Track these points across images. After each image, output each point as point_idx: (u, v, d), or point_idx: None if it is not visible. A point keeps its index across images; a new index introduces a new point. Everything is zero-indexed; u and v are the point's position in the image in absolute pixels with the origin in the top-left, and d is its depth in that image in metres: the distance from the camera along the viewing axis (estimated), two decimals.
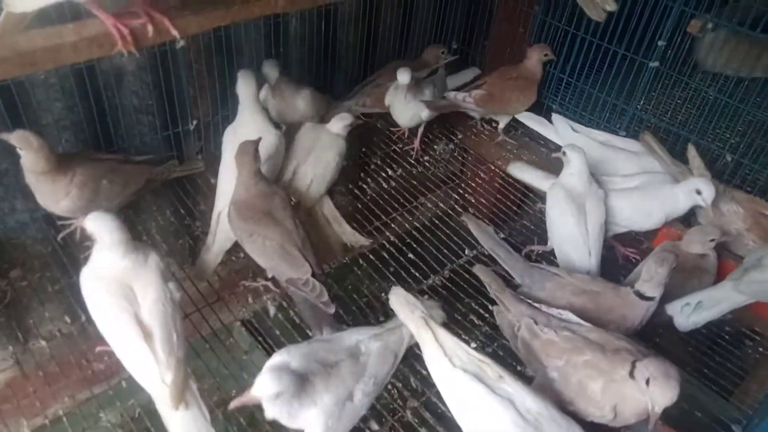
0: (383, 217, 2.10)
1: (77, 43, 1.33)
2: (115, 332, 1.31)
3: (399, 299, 1.50)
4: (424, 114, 2.26)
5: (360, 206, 2.15)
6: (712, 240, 1.81)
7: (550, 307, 1.53)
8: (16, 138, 1.45)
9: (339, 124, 2.04)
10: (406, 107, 2.23)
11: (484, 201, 2.26)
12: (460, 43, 2.82)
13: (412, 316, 1.45)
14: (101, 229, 1.35)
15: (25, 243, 1.81)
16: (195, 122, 2.06)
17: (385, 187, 2.25)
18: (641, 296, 1.56)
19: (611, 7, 2.00)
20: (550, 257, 2.00)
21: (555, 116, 2.42)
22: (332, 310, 1.53)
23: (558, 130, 2.38)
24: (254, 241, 1.62)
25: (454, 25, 2.74)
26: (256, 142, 1.66)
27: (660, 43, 2.24)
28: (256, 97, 1.92)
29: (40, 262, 1.80)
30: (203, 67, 1.99)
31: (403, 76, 2.11)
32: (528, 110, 2.48)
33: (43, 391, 1.50)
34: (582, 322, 1.48)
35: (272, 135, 1.89)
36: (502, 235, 1.94)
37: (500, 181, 2.34)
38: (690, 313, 1.68)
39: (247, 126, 1.88)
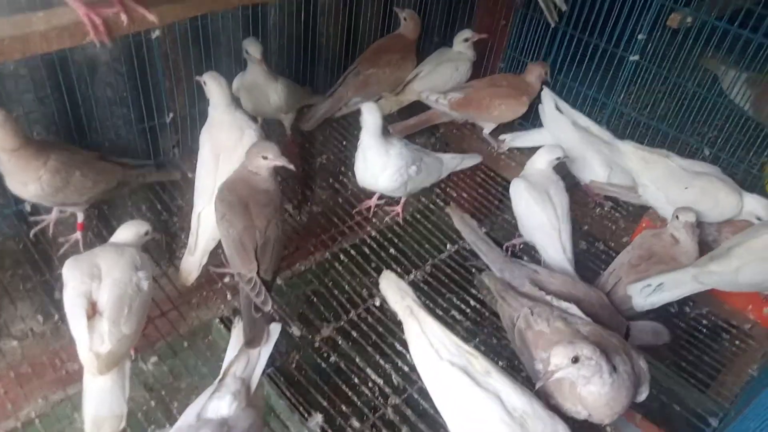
0: (364, 211, 2.08)
1: (47, 32, 1.28)
2: (66, 302, 1.37)
3: (390, 283, 1.50)
4: (412, 170, 1.93)
5: (341, 201, 2.13)
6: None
7: (558, 300, 1.54)
8: None
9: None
10: (382, 163, 1.88)
11: (465, 195, 2.25)
12: (441, 37, 2.80)
13: (401, 302, 1.44)
14: None
15: None
16: (171, 115, 2.01)
17: None
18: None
19: (563, 6, 1.97)
20: (531, 251, 2.00)
21: (545, 91, 2.35)
22: (268, 306, 1.48)
23: (544, 107, 2.34)
24: (222, 225, 1.59)
25: (436, 18, 2.71)
26: (275, 148, 1.61)
27: (640, 36, 2.25)
28: (229, 95, 1.81)
29: (11, 259, 1.75)
30: (179, 59, 1.94)
31: (371, 115, 1.85)
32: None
33: (14, 392, 1.46)
34: (583, 315, 1.48)
35: (253, 131, 1.82)
36: (484, 230, 1.94)
37: (482, 176, 2.34)
38: (650, 293, 1.70)
39: (224, 125, 1.80)
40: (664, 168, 2.00)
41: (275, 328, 1.46)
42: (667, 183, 1.99)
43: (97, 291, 1.37)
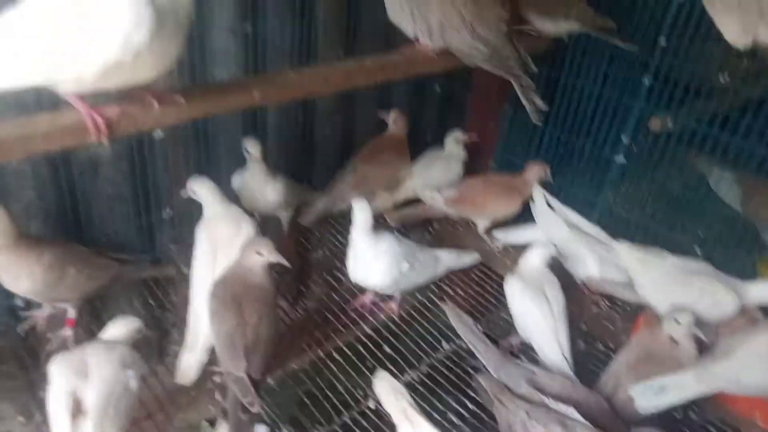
0: (359, 308, 2.06)
1: (50, 132, 1.32)
2: (50, 400, 1.33)
3: (384, 385, 1.46)
4: (404, 266, 1.93)
5: (336, 297, 2.11)
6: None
7: (557, 402, 1.49)
8: None
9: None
10: (372, 259, 1.90)
11: (461, 292, 2.24)
12: (434, 136, 2.91)
13: (396, 404, 1.40)
14: None
15: None
16: (170, 211, 2.04)
17: None
18: None
19: (543, 107, 2.05)
20: (529, 351, 1.97)
21: (536, 189, 2.39)
22: (255, 408, 1.44)
23: (536, 204, 2.38)
24: (213, 322, 1.57)
25: (428, 119, 2.84)
26: (270, 244, 1.62)
27: (624, 139, 2.35)
28: (220, 194, 1.86)
29: None
30: (180, 157, 2.00)
31: (361, 211, 1.88)
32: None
33: None
34: (582, 420, 1.43)
35: (249, 224, 1.85)
36: (480, 328, 1.91)
37: (477, 273, 2.34)
38: (652, 396, 1.65)
39: (220, 219, 1.84)
40: (660, 268, 2.01)
41: (262, 431, 1.41)
42: (664, 283, 1.99)
43: (83, 389, 1.32)
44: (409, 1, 1.73)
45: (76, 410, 1.30)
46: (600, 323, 2.18)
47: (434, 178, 2.53)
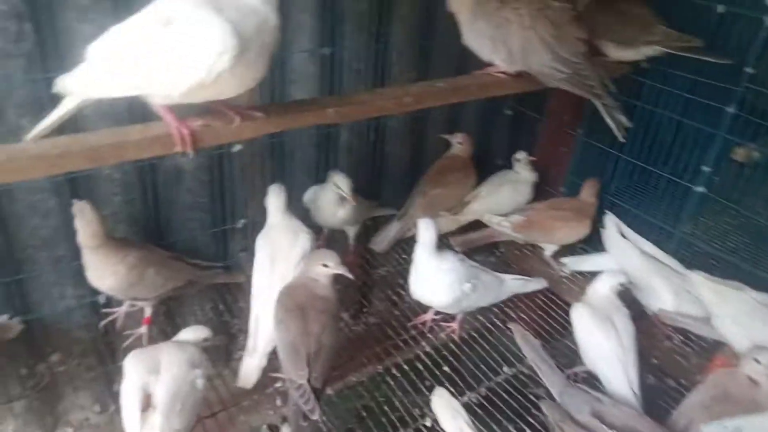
0: (420, 326, 2.06)
1: (140, 141, 1.42)
2: (123, 393, 1.42)
3: (442, 402, 1.45)
4: (467, 286, 1.92)
5: (397, 313, 2.13)
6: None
7: None
8: (75, 208, 1.60)
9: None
10: (434, 277, 1.90)
11: (525, 317, 2.20)
12: (504, 159, 2.90)
13: (452, 423, 1.39)
14: None
15: (69, 328, 1.85)
16: (243, 221, 2.13)
17: None
18: None
19: (628, 123, 1.98)
20: (595, 382, 1.90)
21: (608, 216, 2.36)
22: (316, 416, 1.46)
23: (607, 231, 2.33)
24: (278, 329, 1.62)
25: (499, 142, 2.83)
26: (336, 257, 1.67)
27: (705, 168, 2.24)
28: (284, 205, 1.94)
29: (80, 348, 1.83)
30: (256, 170, 2.09)
31: (427, 230, 1.89)
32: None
33: None
34: None
35: (307, 235, 1.91)
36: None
37: (543, 298, 2.29)
38: None
39: (280, 230, 1.91)
40: (740, 302, 1.90)
41: None
42: (743, 318, 1.88)
43: (154, 385, 1.40)
44: (488, 25, 1.74)
45: (147, 404, 1.38)
46: (672, 358, 2.08)
47: (501, 201, 2.51)
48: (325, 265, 1.66)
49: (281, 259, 1.85)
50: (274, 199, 1.93)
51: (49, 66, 1.53)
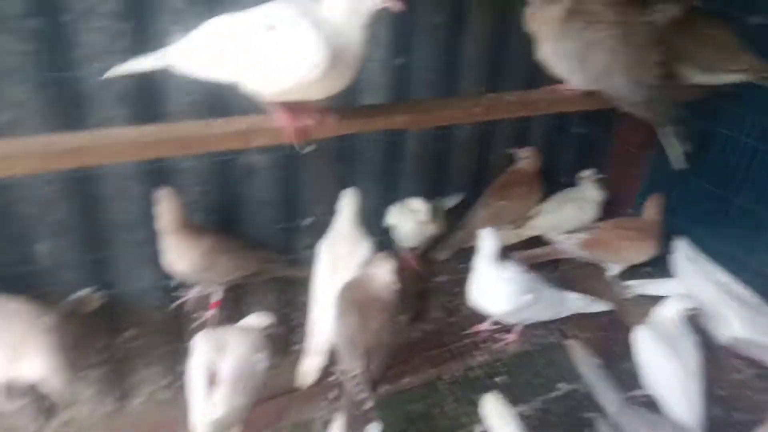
0: (475, 335, 2.06)
1: (222, 135, 1.51)
2: (190, 368, 1.49)
3: (493, 408, 1.45)
4: (528, 297, 1.93)
5: (453, 321, 2.14)
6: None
7: None
8: (160, 193, 1.72)
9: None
10: (494, 284, 1.93)
11: (583, 336, 2.16)
12: (570, 177, 2.86)
13: (502, 429, 1.38)
14: None
15: (143, 307, 1.97)
16: (310, 220, 2.21)
17: None
18: None
19: (688, 148, 1.91)
20: (654, 408, 1.84)
21: (678, 242, 2.30)
22: (369, 404, 1.49)
23: (677, 257, 2.27)
24: (337, 322, 1.67)
25: (566, 159, 2.80)
26: (394, 264, 1.70)
27: None
28: (355, 212, 1.99)
29: (151, 327, 1.94)
30: (326, 171, 2.17)
31: (490, 240, 1.94)
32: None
33: None
34: None
35: (368, 243, 1.96)
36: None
37: (603, 319, 2.24)
38: None
39: (343, 236, 1.96)
40: None
41: (375, 428, 1.45)
42: None
43: (219, 363, 1.47)
44: (574, 45, 1.73)
45: (211, 381, 1.45)
46: (741, 391, 1.98)
47: (565, 218, 2.48)
48: (384, 269, 1.70)
49: (342, 264, 1.90)
50: (348, 204, 1.98)
51: None
